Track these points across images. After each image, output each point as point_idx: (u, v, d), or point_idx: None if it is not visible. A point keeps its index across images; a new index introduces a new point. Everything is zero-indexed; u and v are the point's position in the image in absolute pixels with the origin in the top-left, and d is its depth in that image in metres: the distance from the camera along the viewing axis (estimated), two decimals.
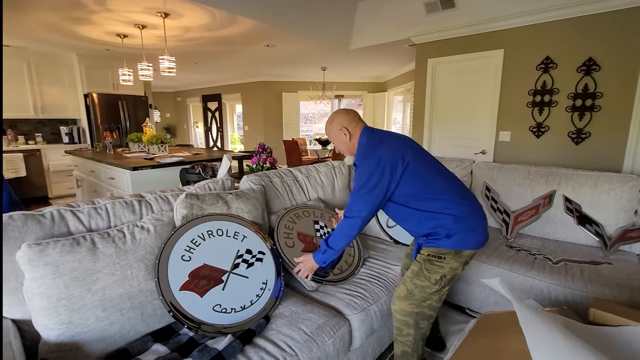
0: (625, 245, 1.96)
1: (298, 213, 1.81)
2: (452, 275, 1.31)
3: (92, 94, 5.51)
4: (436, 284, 1.30)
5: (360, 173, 1.32)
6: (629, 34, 2.78)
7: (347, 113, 1.46)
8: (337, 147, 1.49)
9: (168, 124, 10.60)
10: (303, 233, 1.71)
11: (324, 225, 1.83)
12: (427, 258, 1.32)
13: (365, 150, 1.36)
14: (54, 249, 1.03)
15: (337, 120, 1.44)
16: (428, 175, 1.32)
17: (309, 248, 1.64)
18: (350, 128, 1.42)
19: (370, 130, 1.42)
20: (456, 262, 1.30)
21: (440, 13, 3.65)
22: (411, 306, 1.32)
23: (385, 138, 1.37)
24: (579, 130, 3.13)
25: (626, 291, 1.50)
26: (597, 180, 2.09)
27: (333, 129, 1.45)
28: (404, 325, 1.35)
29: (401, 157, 1.29)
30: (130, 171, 2.83)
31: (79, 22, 3.68)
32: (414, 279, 1.33)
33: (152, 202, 1.45)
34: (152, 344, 1.11)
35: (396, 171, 1.28)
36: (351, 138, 1.42)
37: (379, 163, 1.28)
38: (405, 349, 1.38)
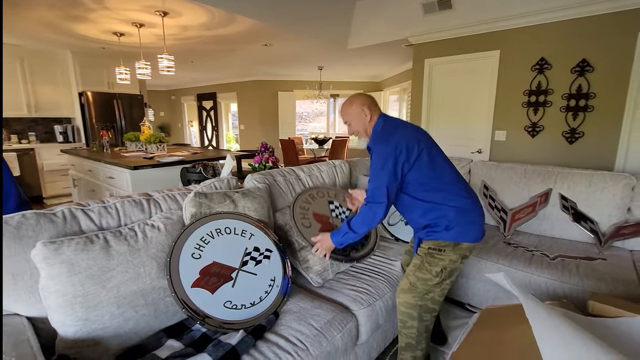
0: (619, 241, 2.02)
1: (312, 194, 1.81)
2: (452, 268, 1.37)
3: (86, 92, 5.46)
4: (437, 276, 1.35)
5: (378, 157, 1.35)
6: (621, 36, 2.86)
7: (367, 96, 1.50)
8: (355, 127, 1.50)
9: (162, 122, 10.53)
10: (319, 214, 1.73)
11: (339, 205, 1.83)
12: (428, 251, 1.37)
13: (382, 134, 1.40)
14: (69, 247, 1.05)
15: (358, 101, 1.47)
16: (438, 164, 1.37)
17: (326, 228, 1.67)
18: (371, 110, 1.46)
19: (386, 116, 1.47)
20: (455, 255, 1.35)
21: (438, 14, 3.70)
22: (415, 299, 1.37)
23: (400, 125, 1.43)
24: (572, 130, 3.20)
25: (621, 285, 1.56)
26: (591, 178, 2.16)
27: (353, 110, 1.47)
28: (408, 317, 1.39)
29: (416, 143, 1.34)
30: (130, 170, 2.83)
31: (76, 20, 3.65)
32: (416, 272, 1.38)
33: (160, 201, 1.46)
34: (166, 339, 1.13)
35: (411, 156, 1.32)
36: (371, 119, 1.46)
37: (396, 148, 1.32)
38: (409, 341, 1.42)
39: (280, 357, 1.09)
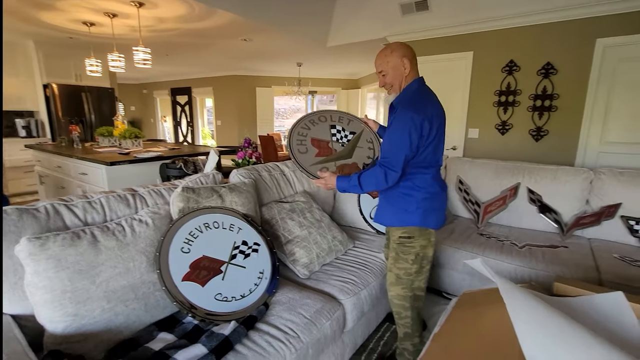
0: (579, 230, 2.21)
1: (313, 119, 1.68)
2: (425, 253, 1.41)
3: (51, 84, 5.17)
4: (414, 263, 1.40)
5: (404, 122, 1.26)
6: (582, 42, 3.09)
7: (412, 50, 1.37)
8: (390, 79, 1.38)
9: (133, 117, 10.12)
10: (317, 138, 1.61)
11: (342, 128, 1.69)
12: (399, 241, 1.41)
13: (414, 99, 1.31)
14: (55, 243, 1.03)
15: (400, 50, 1.35)
16: (439, 149, 1.37)
17: (323, 153, 1.57)
18: (412, 64, 1.35)
19: (423, 81, 1.38)
20: (424, 240, 1.40)
21: (415, 15, 3.82)
22: (404, 290, 1.43)
23: (435, 101, 1.36)
24: (538, 129, 3.43)
25: (580, 269, 1.72)
26: (555, 173, 2.33)
27: (394, 58, 1.34)
28: (402, 308, 1.45)
29: (437, 123, 1.31)
30: (106, 166, 2.73)
31: (42, 7, 3.45)
32: (396, 264, 1.43)
33: (146, 196, 1.44)
34: (157, 332, 1.13)
35: (431, 135, 1.29)
36: (408, 74, 1.35)
37: (424, 120, 1.25)
38: (406, 331, 1.48)
39: (273, 345, 1.13)
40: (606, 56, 2.99)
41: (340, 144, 1.63)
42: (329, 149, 1.60)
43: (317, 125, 1.66)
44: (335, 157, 1.59)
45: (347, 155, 1.61)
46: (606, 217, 2.13)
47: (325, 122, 1.69)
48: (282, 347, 1.13)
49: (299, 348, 1.17)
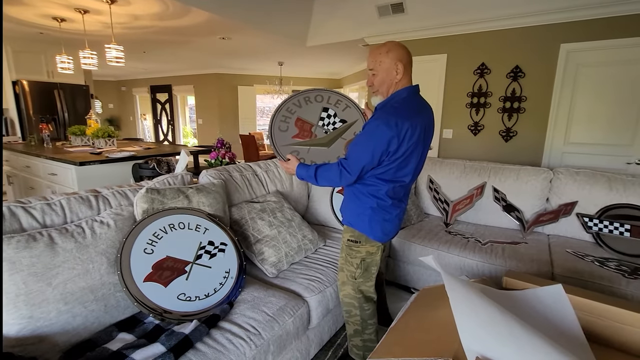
0: (539, 227, 2.32)
1: (309, 97, 1.59)
2: (371, 260, 1.39)
3: (21, 81, 4.98)
4: (358, 267, 1.40)
5: (374, 130, 1.20)
6: (548, 46, 3.23)
7: (409, 55, 1.28)
8: (378, 81, 1.29)
9: (111, 115, 9.86)
10: (303, 119, 1.54)
11: (335, 114, 1.58)
12: (347, 244, 1.41)
13: (396, 110, 1.22)
14: (9, 246, 1.02)
15: (397, 52, 1.24)
16: (407, 164, 1.28)
17: (302, 135, 1.52)
18: (406, 71, 1.26)
19: (414, 92, 1.29)
20: (372, 247, 1.38)
21: (391, 17, 3.89)
22: (353, 290, 1.45)
23: (420, 113, 1.27)
24: (508, 130, 3.56)
25: (535, 264, 1.82)
26: (518, 172, 2.44)
27: (388, 60, 1.24)
28: (351, 307, 1.48)
29: (413, 143, 1.22)
30: (76, 166, 2.68)
31: (9, 1, 3.33)
32: (345, 266, 1.45)
33: (110, 197, 1.44)
34: (117, 333, 1.14)
35: (397, 152, 1.22)
36: (400, 80, 1.26)
37: (393, 138, 1.18)
38: (356, 328, 1.51)
39: (234, 343, 1.15)
40: (569, 61, 3.14)
41: (324, 131, 1.55)
42: (310, 133, 1.52)
43: (310, 104, 1.58)
44: (311, 143, 1.52)
45: (325, 144, 1.54)
46: (564, 215, 2.24)
47: (321, 102, 1.59)
48: (242, 344, 1.16)
49: (260, 344, 1.20)
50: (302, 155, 1.49)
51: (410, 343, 1.06)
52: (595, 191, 2.16)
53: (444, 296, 1.30)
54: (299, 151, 1.49)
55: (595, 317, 1.12)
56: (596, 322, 1.12)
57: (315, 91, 1.61)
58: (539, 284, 1.29)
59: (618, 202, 2.08)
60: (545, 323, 1.11)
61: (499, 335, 0.85)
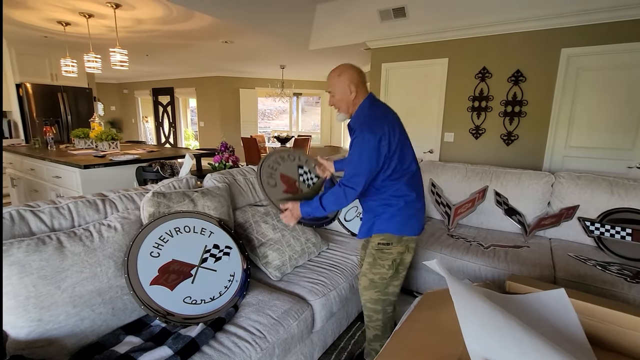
0: (541, 230, 2.33)
1: (283, 155, 1.77)
2: (402, 259, 1.48)
3: (25, 84, 5.02)
4: (390, 268, 1.46)
5: (362, 145, 1.33)
6: (549, 51, 3.25)
7: (357, 72, 1.42)
8: (337, 101, 1.44)
9: (113, 118, 9.90)
10: (286, 175, 1.70)
11: (308, 171, 1.80)
12: (377, 247, 1.47)
13: (368, 117, 1.37)
14: (19, 249, 1.03)
15: (347, 74, 1.40)
16: (406, 158, 1.41)
17: (290, 190, 1.66)
18: (359, 88, 1.40)
19: (373, 98, 1.43)
20: (401, 247, 1.46)
21: (393, 21, 3.92)
22: (377, 294, 1.48)
23: (388, 113, 1.40)
24: (509, 133, 3.58)
25: (537, 268, 1.82)
26: (520, 176, 2.45)
27: (340, 83, 1.40)
28: (374, 312, 1.51)
29: (397, 136, 1.36)
30: (80, 169, 2.69)
31: (13, 5, 3.36)
32: (372, 269, 1.48)
33: (117, 201, 1.46)
34: (124, 336, 1.15)
35: (391, 150, 1.35)
36: (355, 97, 1.40)
37: (381, 140, 1.31)
38: (376, 333, 1.54)
39: (239, 346, 1.16)
40: (570, 65, 3.16)
41: (306, 185, 1.75)
42: (296, 188, 1.70)
43: (287, 162, 1.76)
44: (300, 197, 1.68)
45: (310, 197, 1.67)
46: (565, 219, 2.25)
47: (294, 161, 1.79)
48: (247, 347, 1.17)
49: (265, 348, 1.21)
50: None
51: (414, 347, 1.07)
52: (596, 195, 2.17)
53: (447, 300, 1.31)
54: None
55: (597, 321, 1.13)
56: (599, 326, 1.13)
57: (285, 151, 1.80)
58: (541, 288, 1.30)
59: (620, 206, 2.09)
60: (549, 327, 1.12)
61: (502, 339, 0.86)
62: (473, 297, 0.97)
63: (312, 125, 9.27)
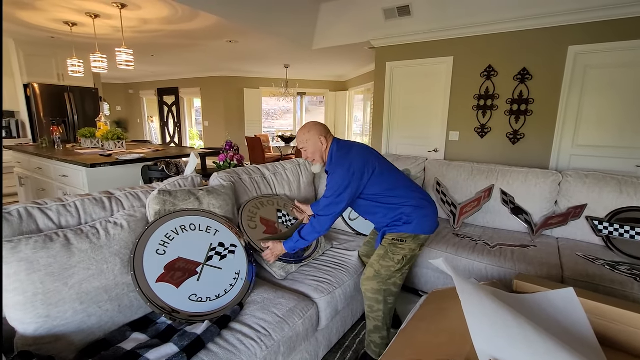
0: (548, 230, 2.31)
1: (262, 201, 1.94)
2: (412, 256, 1.55)
3: (33, 84, 5.07)
4: (399, 263, 1.53)
5: (334, 179, 1.51)
6: (555, 49, 3.22)
7: (322, 126, 1.64)
8: (311, 153, 1.62)
9: (119, 118, 9.98)
10: (266, 218, 1.84)
11: (286, 213, 1.97)
12: (392, 242, 1.54)
13: (337, 157, 1.55)
14: (27, 246, 1.04)
15: (315, 130, 1.61)
16: (390, 174, 1.57)
17: (270, 231, 1.79)
18: (326, 139, 1.61)
19: (338, 140, 1.62)
20: (414, 244, 1.53)
21: (397, 20, 3.90)
22: (379, 284, 1.53)
23: (353, 147, 1.58)
24: (515, 132, 3.54)
25: (545, 267, 1.80)
26: (526, 175, 2.43)
27: (312, 137, 1.60)
28: (375, 302, 1.54)
29: (369, 163, 1.52)
30: (87, 168, 2.72)
31: (20, 6, 3.40)
32: (381, 261, 1.54)
33: (123, 199, 1.46)
34: (130, 333, 1.15)
35: (364, 175, 1.51)
36: (327, 147, 1.61)
37: (349, 169, 1.49)
38: (377, 324, 1.57)
39: (245, 343, 1.16)
40: (577, 63, 3.13)
41: (285, 226, 1.89)
42: (275, 229, 1.83)
43: (266, 207, 1.92)
44: (280, 237, 1.79)
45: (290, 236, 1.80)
46: (573, 218, 2.23)
47: (273, 205, 1.96)
48: (253, 345, 1.17)
49: (270, 345, 1.21)
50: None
51: (420, 346, 1.06)
52: (605, 194, 2.14)
53: (454, 299, 1.30)
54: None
55: (607, 321, 1.12)
56: (609, 326, 1.11)
57: (265, 197, 1.98)
58: (549, 287, 1.28)
59: (629, 205, 2.06)
60: (557, 326, 1.10)
61: (511, 338, 0.85)
62: (481, 295, 0.96)
63: None
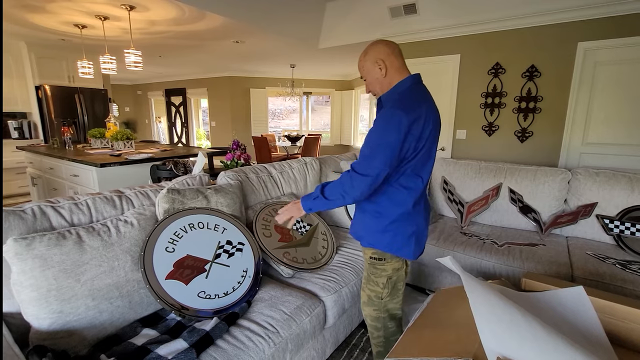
0: (557, 229, 2.28)
1: (276, 208, 1.92)
2: (398, 276, 1.30)
3: (44, 86, 5.17)
4: (385, 287, 1.29)
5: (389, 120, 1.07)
6: (564, 45, 3.17)
7: (388, 45, 1.18)
8: (369, 84, 1.24)
9: (127, 118, 10.11)
10: (280, 226, 1.82)
11: (301, 220, 1.94)
12: (370, 262, 1.29)
13: (405, 97, 1.13)
14: (41, 243, 1.07)
15: (373, 52, 1.18)
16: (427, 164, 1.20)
17: (285, 239, 1.77)
18: (388, 61, 1.16)
19: (418, 80, 1.20)
20: (397, 262, 1.28)
21: (404, 18, 3.89)
22: (376, 312, 1.35)
23: (431, 102, 1.18)
24: (523, 130, 3.50)
25: (554, 266, 1.79)
26: (535, 173, 2.40)
27: (367, 63, 1.20)
28: (374, 329, 1.40)
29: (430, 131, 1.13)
30: (97, 168, 2.76)
31: (32, 10, 3.47)
32: (368, 285, 1.34)
33: (133, 198, 1.49)
34: (141, 329, 1.18)
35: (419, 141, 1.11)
36: (387, 74, 1.17)
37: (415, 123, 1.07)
38: (379, 350, 1.42)
39: (253, 340, 1.18)
40: (587, 59, 3.08)
41: (299, 233, 1.86)
42: (290, 236, 1.80)
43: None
44: (295, 244, 1.77)
45: (306, 244, 1.83)
46: (583, 216, 2.20)
47: None
48: (261, 342, 1.18)
49: (278, 342, 1.22)
50: (292, 255, 1.71)
51: (428, 343, 1.06)
52: (616, 192, 2.11)
53: (461, 297, 1.29)
54: (289, 252, 1.72)
55: (618, 319, 1.10)
56: (619, 324, 1.10)
57: (279, 204, 1.96)
58: (559, 285, 1.27)
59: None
60: (566, 325, 1.10)
61: (520, 336, 0.84)
62: (489, 293, 0.96)
63: (322, 124, 9.27)
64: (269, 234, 1.73)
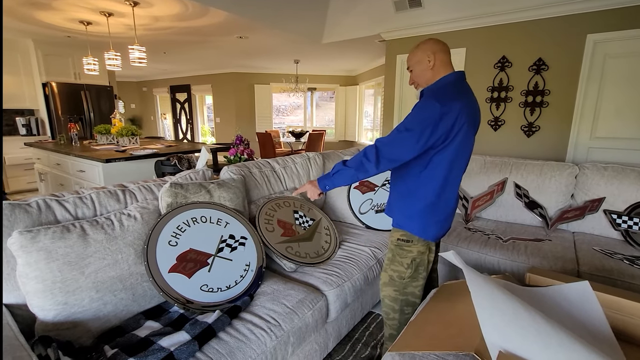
0: (563, 224, 2.25)
1: (279, 203, 1.92)
2: (422, 259, 1.36)
3: (51, 83, 5.21)
4: (409, 268, 1.35)
5: (424, 108, 1.16)
6: (573, 38, 3.11)
7: (439, 42, 1.28)
8: (415, 75, 1.31)
9: (133, 115, 10.18)
10: (283, 220, 1.82)
11: (304, 214, 1.95)
12: (397, 243, 1.37)
13: (443, 89, 1.21)
14: (46, 236, 1.08)
15: (425, 44, 1.27)
16: (458, 159, 1.25)
17: (288, 234, 1.77)
18: (437, 56, 1.25)
19: (462, 77, 1.27)
20: (423, 247, 1.34)
21: (408, 11, 3.84)
22: (396, 292, 1.39)
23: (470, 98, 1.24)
24: (530, 124, 3.45)
25: (559, 261, 1.76)
26: (541, 168, 2.37)
27: (418, 52, 1.28)
28: (391, 309, 1.43)
29: (464, 125, 1.18)
30: (102, 163, 2.79)
31: (38, 7, 3.49)
32: (391, 266, 1.40)
33: (136, 192, 1.50)
34: (144, 321, 1.19)
35: (450, 133, 1.17)
36: (434, 67, 1.25)
37: (446, 114, 1.14)
38: (392, 332, 1.45)
39: (255, 333, 1.18)
40: (596, 52, 3.02)
41: (302, 228, 1.86)
42: (293, 231, 1.81)
43: (282, 208, 1.89)
44: (297, 239, 1.77)
45: (309, 238, 1.83)
46: (590, 211, 2.16)
47: (289, 207, 1.93)
48: (263, 335, 1.18)
49: (280, 335, 1.22)
50: (295, 250, 1.71)
51: (430, 337, 1.06)
52: (624, 187, 2.07)
53: (464, 292, 1.28)
54: (292, 247, 1.72)
55: (624, 315, 1.09)
56: (626, 320, 1.08)
57: (281, 198, 1.95)
58: (564, 280, 1.26)
59: None
60: (571, 320, 1.08)
61: (523, 330, 0.83)
62: (492, 288, 0.95)
63: (326, 120, 9.25)
64: (271, 229, 1.73)
